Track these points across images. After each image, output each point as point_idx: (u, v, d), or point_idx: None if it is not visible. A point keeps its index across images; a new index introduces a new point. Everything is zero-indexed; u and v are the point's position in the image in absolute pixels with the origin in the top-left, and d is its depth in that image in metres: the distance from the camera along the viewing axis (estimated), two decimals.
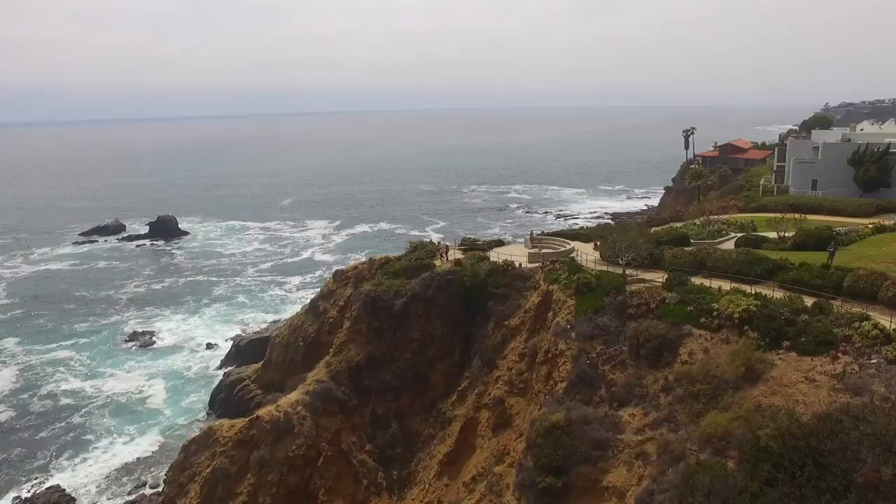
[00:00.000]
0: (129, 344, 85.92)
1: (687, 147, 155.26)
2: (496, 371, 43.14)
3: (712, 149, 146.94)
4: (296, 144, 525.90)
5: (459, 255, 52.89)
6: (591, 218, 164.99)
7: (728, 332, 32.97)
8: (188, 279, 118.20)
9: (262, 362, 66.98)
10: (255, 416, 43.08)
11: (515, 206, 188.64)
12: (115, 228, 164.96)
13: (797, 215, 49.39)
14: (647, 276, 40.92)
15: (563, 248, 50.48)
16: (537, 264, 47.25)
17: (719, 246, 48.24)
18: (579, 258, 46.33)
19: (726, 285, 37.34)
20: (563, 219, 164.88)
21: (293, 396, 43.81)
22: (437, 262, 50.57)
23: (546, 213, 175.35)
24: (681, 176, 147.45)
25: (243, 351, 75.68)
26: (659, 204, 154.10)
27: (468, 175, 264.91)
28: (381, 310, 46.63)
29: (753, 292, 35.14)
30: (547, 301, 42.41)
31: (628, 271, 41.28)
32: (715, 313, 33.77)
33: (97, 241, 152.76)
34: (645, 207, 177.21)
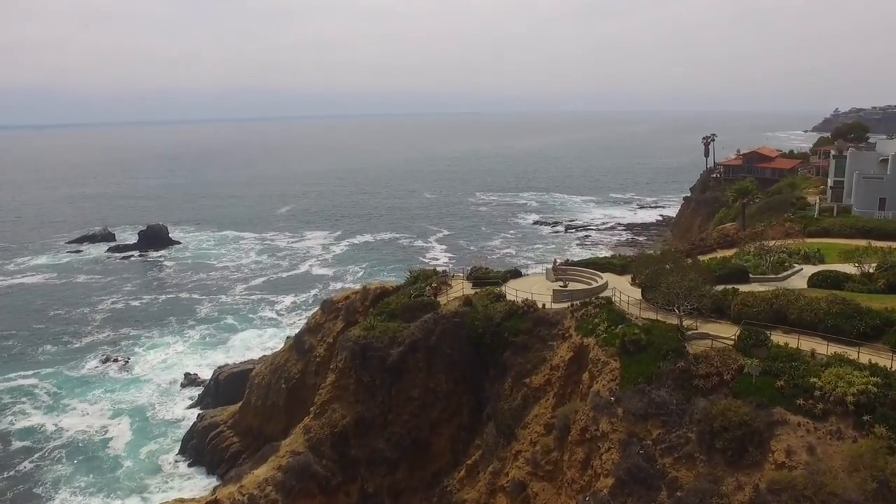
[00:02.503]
0: (100, 370, 77.27)
1: (707, 155, 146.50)
2: (515, 444, 34.46)
3: (734, 157, 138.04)
4: (298, 148, 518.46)
5: (469, 287, 44.29)
6: (604, 229, 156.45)
7: (839, 422, 24.27)
8: (173, 296, 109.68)
9: (239, 404, 58.41)
10: (213, 498, 34.47)
11: (523, 215, 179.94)
12: (104, 237, 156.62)
13: (883, 244, 40.66)
14: (710, 328, 32.26)
15: (593, 284, 41.78)
16: (565, 305, 38.62)
17: (785, 283, 39.62)
18: (616, 298, 37.68)
19: (819, 346, 28.70)
20: (573, 230, 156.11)
21: (261, 472, 35.23)
22: (442, 300, 41.98)
23: (556, 223, 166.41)
24: (701, 185, 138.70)
25: (223, 385, 67.06)
26: (677, 216, 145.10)
27: (473, 182, 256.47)
28: (373, 361, 38.06)
29: (867, 362, 26.46)
30: (581, 358, 33.73)
31: (684, 320, 32.66)
32: (817, 393, 25.14)
33: (82, 251, 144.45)
34: (660, 218, 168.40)
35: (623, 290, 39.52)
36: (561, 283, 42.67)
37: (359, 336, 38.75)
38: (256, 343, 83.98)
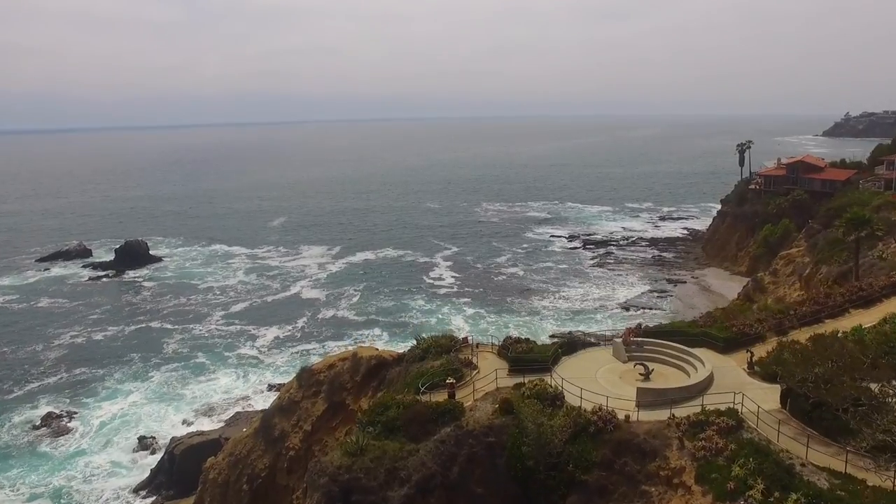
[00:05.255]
0: (36, 434, 63.35)
1: (742, 164, 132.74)
2: None
3: (774, 166, 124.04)
4: (298, 154, 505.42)
5: (503, 371, 30.31)
6: (625, 245, 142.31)
7: None
8: (143, 325, 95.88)
9: (192, 501, 44.48)
10: None
11: (534, 227, 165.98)
12: (79, 253, 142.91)
13: None
14: None
15: (693, 378, 27.78)
16: (661, 415, 24.72)
17: None
18: (743, 406, 23.70)
19: None
20: (592, 246, 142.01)
21: None
22: (465, 397, 28.06)
23: (572, 237, 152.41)
24: (737, 197, 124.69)
25: (179, 462, 53.18)
26: (711, 231, 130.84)
27: (480, 190, 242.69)
28: None
29: None
30: None
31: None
32: None
33: (52, 270, 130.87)
34: (685, 232, 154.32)
35: (742, 387, 25.71)
36: (641, 371, 28.79)
37: (339, 466, 24.76)
38: (224, 397, 69.83)
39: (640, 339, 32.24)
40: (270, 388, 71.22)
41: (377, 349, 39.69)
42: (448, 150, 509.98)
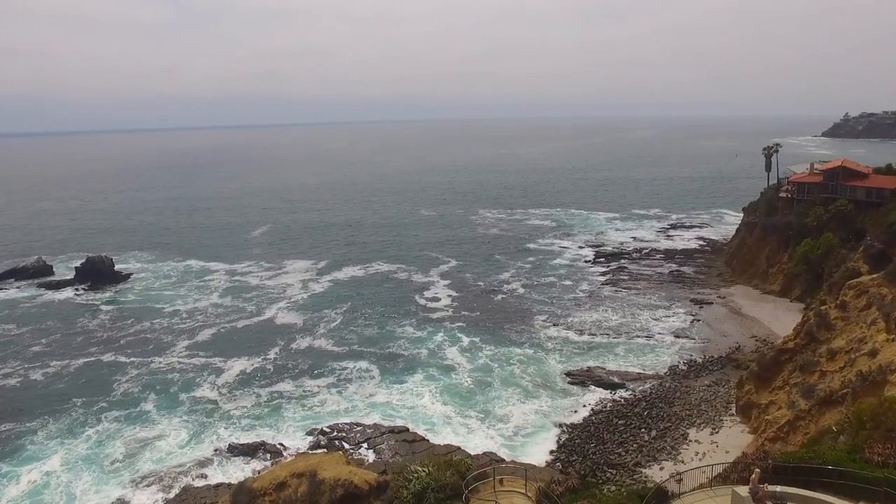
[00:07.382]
0: None
1: (769, 169, 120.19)
2: None
3: (806, 171, 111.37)
4: (289, 158, 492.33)
5: None
6: (639, 258, 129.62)
7: None
8: (91, 360, 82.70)
9: None
10: None
11: (538, 238, 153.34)
12: (37, 271, 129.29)
13: None
14: None
15: None
16: None
17: None
18: None
19: None
20: (603, 259, 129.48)
21: None
22: None
23: (581, 247, 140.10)
24: (766, 206, 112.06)
25: None
26: (736, 244, 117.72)
27: (478, 196, 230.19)
28: None
29: None
30: None
31: None
32: None
33: (3, 290, 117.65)
34: (702, 243, 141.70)
35: None
36: None
37: None
38: (169, 464, 56.42)
39: (776, 488, 19.22)
40: (231, 450, 58.24)
41: (348, 466, 26.71)
42: (444, 152, 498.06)
